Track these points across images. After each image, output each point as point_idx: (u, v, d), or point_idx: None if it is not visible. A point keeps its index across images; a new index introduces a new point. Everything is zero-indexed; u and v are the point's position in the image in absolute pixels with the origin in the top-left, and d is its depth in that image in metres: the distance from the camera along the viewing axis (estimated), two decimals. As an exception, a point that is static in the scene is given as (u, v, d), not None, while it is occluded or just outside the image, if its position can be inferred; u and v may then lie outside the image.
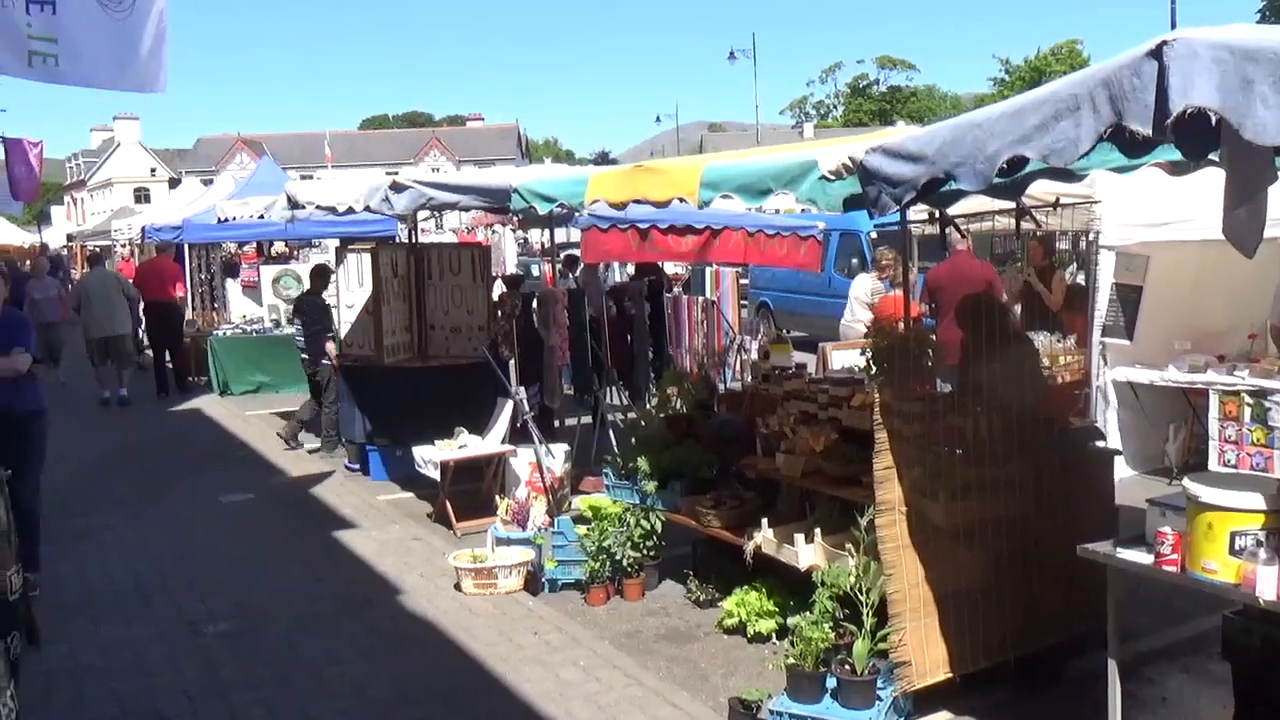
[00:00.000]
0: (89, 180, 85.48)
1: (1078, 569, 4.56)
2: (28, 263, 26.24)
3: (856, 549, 5.13)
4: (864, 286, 10.95)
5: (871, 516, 4.97)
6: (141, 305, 16.06)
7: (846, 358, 8.69)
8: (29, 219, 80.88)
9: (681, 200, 5.68)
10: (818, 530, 5.68)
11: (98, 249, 26.00)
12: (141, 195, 75.99)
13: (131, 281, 16.04)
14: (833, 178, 4.60)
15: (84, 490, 10.09)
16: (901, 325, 5.62)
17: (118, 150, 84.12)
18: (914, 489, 4.91)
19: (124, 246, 26.28)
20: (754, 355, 10.67)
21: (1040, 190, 8.10)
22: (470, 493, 8.71)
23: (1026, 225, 10.85)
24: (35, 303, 16.39)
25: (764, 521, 5.99)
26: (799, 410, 6.26)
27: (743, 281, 16.40)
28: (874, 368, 5.25)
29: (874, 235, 15.49)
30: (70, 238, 41.18)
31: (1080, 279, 11.14)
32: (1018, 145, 3.48)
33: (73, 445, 12.23)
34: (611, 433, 9.64)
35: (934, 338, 5.67)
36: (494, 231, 22.82)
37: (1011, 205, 9.68)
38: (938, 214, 10.05)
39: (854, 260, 16.12)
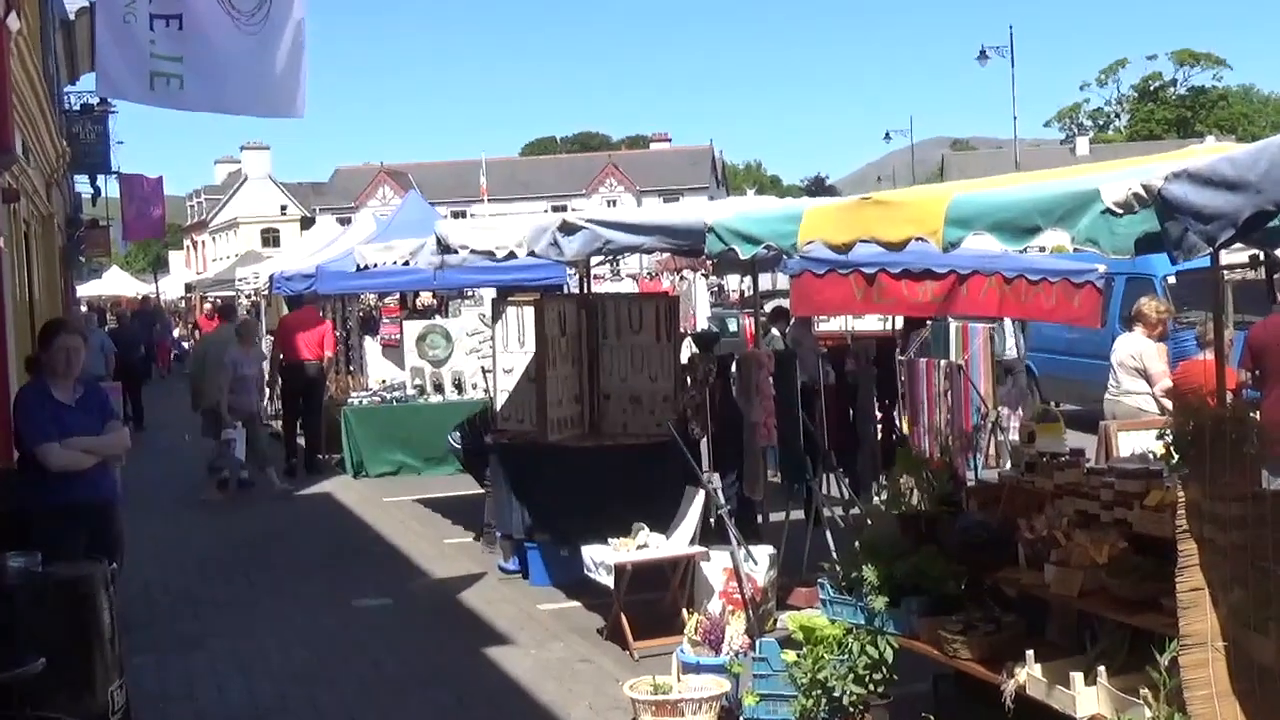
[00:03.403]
0: (211, 220, 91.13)
1: None
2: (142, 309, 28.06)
3: (1155, 695, 4.90)
4: (1128, 348, 10.54)
5: (1175, 653, 4.74)
6: (280, 367, 16.86)
7: (1138, 441, 8.34)
8: (144, 266, 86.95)
9: (920, 240, 5.61)
10: (1101, 668, 5.45)
11: (218, 301, 27.67)
12: (270, 238, 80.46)
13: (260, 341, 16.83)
14: (1120, 211, 4.45)
15: (196, 590, 10.62)
16: (1213, 399, 5.38)
17: (244, 185, 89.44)
18: (1233, 618, 4.66)
19: (248, 298, 27.80)
20: (1014, 436, 10.35)
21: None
22: (651, 604, 8.73)
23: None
24: (243, 381, 15.00)
25: (1029, 654, 5.78)
26: (1075, 510, 6.07)
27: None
28: (1176, 455, 5.03)
29: (1172, 281, 14.92)
30: (189, 287, 43.98)
31: None
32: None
33: (185, 536, 12.92)
34: (829, 533, 9.51)
35: (1257, 416, 5.39)
36: (682, 278, 23.06)
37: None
38: (1263, 256, 9.61)
39: (1146, 313, 15.54)
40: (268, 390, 19.24)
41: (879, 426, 11.42)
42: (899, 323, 14.38)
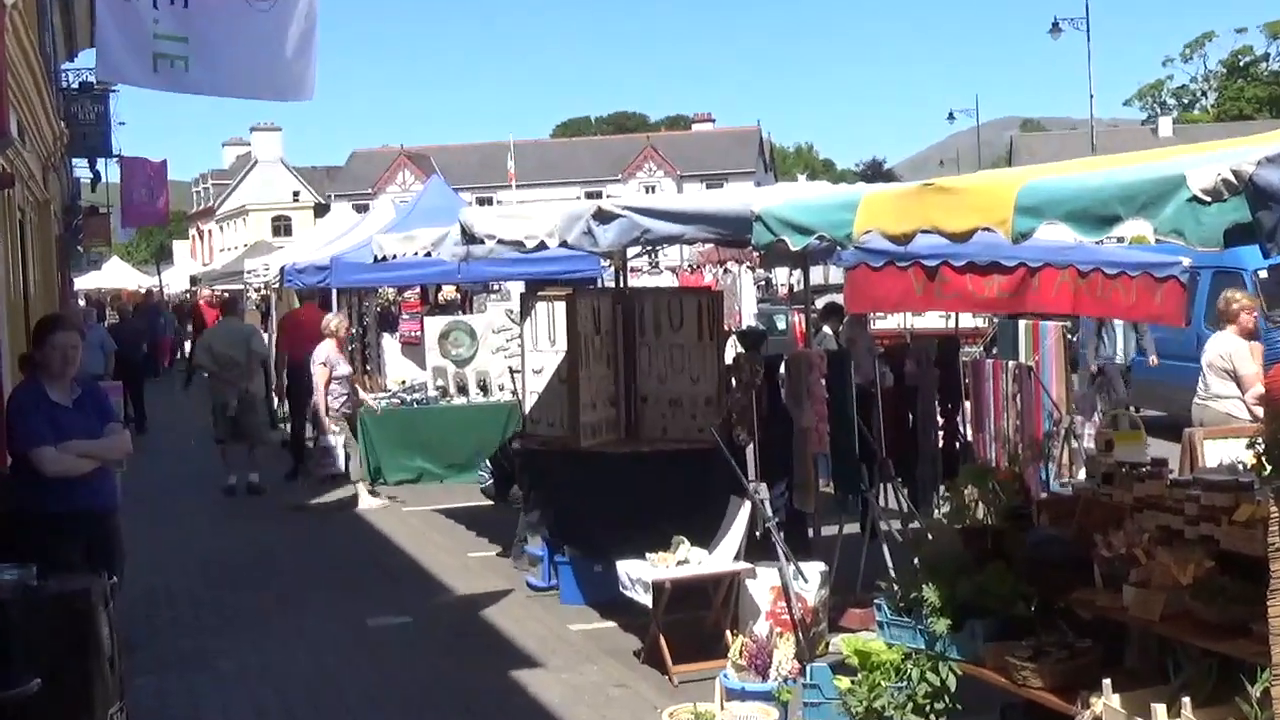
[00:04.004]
0: (218, 208, 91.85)
1: None
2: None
3: (1245, 729, 4.84)
4: (1218, 348, 10.49)
5: (1267, 683, 4.71)
6: (286, 368, 16.98)
7: (1227, 450, 8.26)
8: (146, 256, 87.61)
9: (987, 230, 5.58)
10: (1186, 699, 5.40)
11: (224, 294, 27.87)
12: (281, 226, 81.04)
13: (266, 337, 16.96)
14: (1208, 199, 4.41)
15: (201, 604, 10.70)
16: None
17: (254, 170, 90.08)
18: (1332, 645, 4.61)
19: (257, 291, 27.98)
20: (1089, 444, 10.29)
21: None
22: (692, 625, 8.72)
23: None
24: (341, 381, 14.82)
25: (1105, 683, 5.74)
26: (1157, 525, 6.02)
27: (1071, 339, 15.95)
28: (1268, 466, 4.98)
29: (1264, 275, 14.78)
30: (194, 280, 44.31)
31: None
32: None
33: (189, 546, 13.01)
34: (886, 548, 9.49)
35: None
36: (726, 271, 23.00)
37: None
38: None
39: (1235, 310, 15.43)
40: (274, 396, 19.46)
41: (941, 433, 11.37)
42: (963, 320, 14.33)
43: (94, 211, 34.08)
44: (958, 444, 11.39)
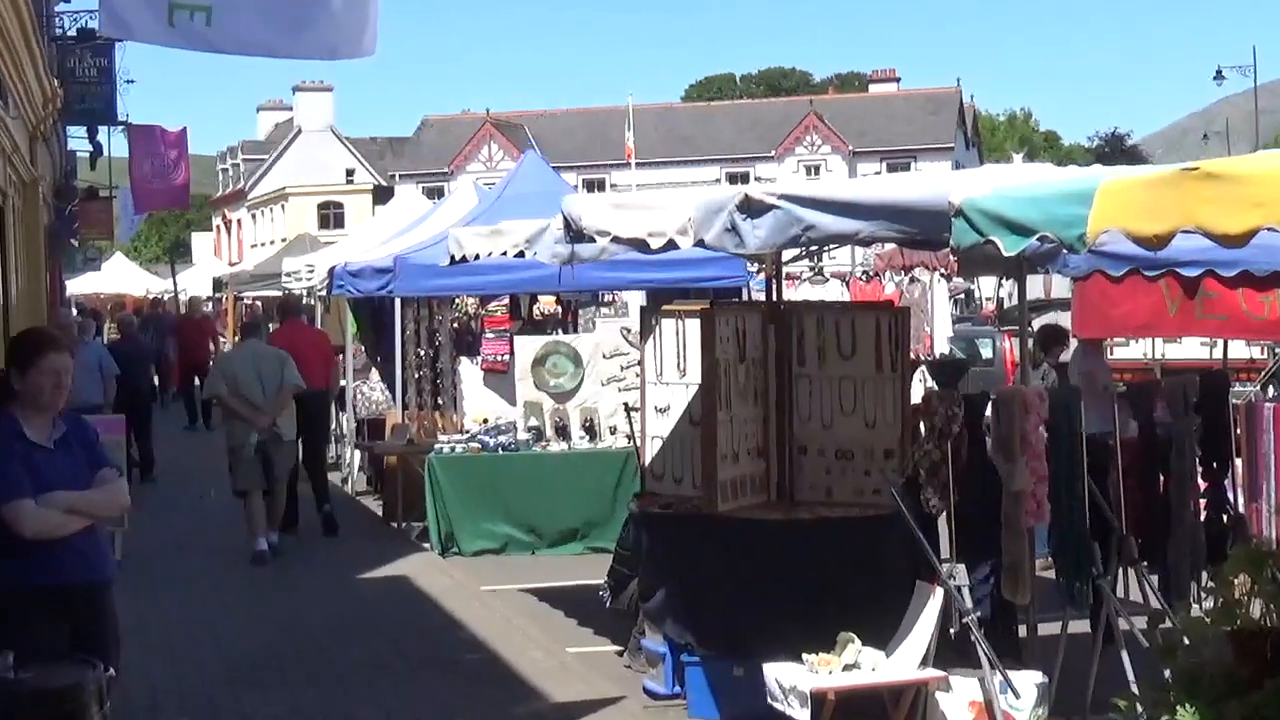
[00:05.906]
0: (250, 190, 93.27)
1: None
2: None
3: None
4: None
5: None
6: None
7: None
8: (157, 253, 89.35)
9: (1271, 230, 5.51)
10: None
11: (253, 303, 28.17)
12: (330, 215, 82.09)
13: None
14: None
15: (220, 706, 10.81)
16: None
17: (297, 142, 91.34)
18: None
19: (309, 298, 28.41)
20: None
21: None
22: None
23: None
24: None
25: None
26: None
27: None
28: None
29: None
30: (219, 284, 45.12)
31: None
32: None
33: (208, 629, 13.17)
34: (1126, 655, 9.36)
35: None
36: (913, 281, 22.89)
37: None
38: None
39: None
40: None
41: (1203, 501, 11.22)
42: (1233, 349, 14.04)
43: (93, 194, 34.59)
44: (1225, 517, 11.23)
